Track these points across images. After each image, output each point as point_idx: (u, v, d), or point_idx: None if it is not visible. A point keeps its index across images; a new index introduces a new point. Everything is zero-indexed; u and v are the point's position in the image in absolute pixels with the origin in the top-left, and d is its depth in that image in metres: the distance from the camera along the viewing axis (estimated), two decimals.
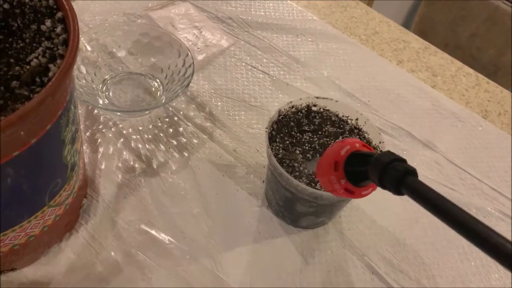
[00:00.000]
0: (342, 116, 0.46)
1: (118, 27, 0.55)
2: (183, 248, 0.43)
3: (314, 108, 0.46)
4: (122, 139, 0.50)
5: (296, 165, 0.41)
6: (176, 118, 0.53)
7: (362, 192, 0.32)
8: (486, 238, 0.22)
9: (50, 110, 0.30)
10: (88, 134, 0.50)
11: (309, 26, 0.67)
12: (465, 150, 0.57)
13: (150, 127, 0.52)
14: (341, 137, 0.44)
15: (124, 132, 0.51)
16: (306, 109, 0.46)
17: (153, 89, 0.54)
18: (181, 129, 0.52)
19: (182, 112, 0.54)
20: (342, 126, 0.45)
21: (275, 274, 0.43)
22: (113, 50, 0.55)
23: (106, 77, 0.54)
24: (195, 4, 0.66)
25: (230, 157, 0.51)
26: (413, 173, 0.26)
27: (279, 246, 0.45)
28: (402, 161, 0.27)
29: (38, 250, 0.40)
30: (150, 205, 0.46)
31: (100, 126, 0.51)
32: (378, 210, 0.49)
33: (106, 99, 0.52)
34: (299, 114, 0.45)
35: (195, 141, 0.51)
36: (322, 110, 0.46)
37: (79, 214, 0.44)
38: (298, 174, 0.41)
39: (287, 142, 0.43)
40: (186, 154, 0.50)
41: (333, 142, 0.44)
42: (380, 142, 0.43)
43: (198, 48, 0.60)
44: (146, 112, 0.51)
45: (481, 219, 0.23)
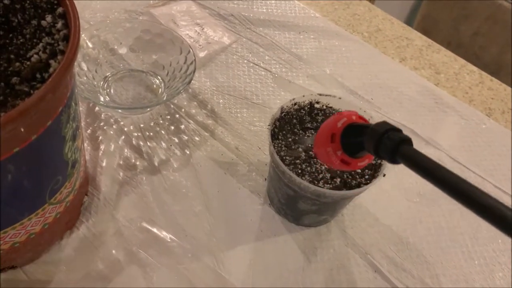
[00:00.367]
0: None
1: (120, 24, 0.54)
2: (185, 246, 0.43)
3: (317, 105, 0.46)
4: (123, 137, 0.50)
5: (298, 162, 0.41)
6: (177, 116, 0.53)
7: (358, 163, 0.32)
8: (483, 204, 0.22)
9: (51, 106, 0.30)
10: (89, 131, 0.50)
11: (311, 23, 0.66)
12: (468, 148, 0.56)
13: (152, 125, 0.51)
14: None
15: (125, 129, 0.50)
16: (308, 106, 0.45)
17: (154, 86, 0.54)
18: (182, 126, 0.52)
19: (183, 109, 0.53)
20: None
21: (277, 272, 0.43)
22: (114, 47, 0.54)
23: (107, 74, 0.53)
24: (197, 1, 0.65)
25: (232, 154, 0.50)
26: (408, 142, 0.27)
27: (281, 244, 0.45)
28: (398, 131, 0.28)
29: (38, 248, 0.40)
30: (152, 203, 0.45)
31: (101, 123, 0.50)
32: (381, 208, 0.49)
33: (107, 96, 0.52)
34: (302, 111, 0.45)
35: (197, 138, 0.51)
36: (325, 107, 0.46)
37: (80, 212, 0.43)
38: (300, 171, 0.40)
39: (290, 140, 0.43)
40: (187, 152, 0.50)
41: None
42: None
43: (199, 45, 0.60)
44: (148, 109, 0.51)
45: None
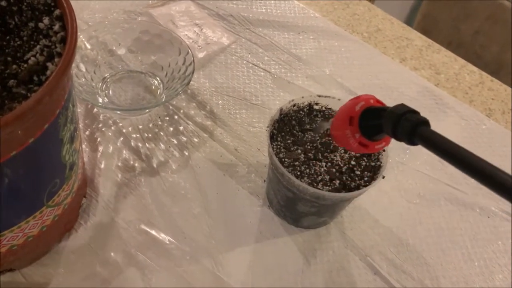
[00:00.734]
0: None
1: (118, 25, 0.54)
2: (184, 248, 0.43)
3: (316, 106, 0.45)
4: (122, 138, 0.50)
5: (297, 164, 0.41)
6: (176, 117, 0.52)
7: (376, 146, 0.33)
8: (505, 184, 0.22)
9: (48, 109, 0.30)
10: (87, 133, 0.50)
11: (311, 24, 0.66)
12: (468, 148, 0.56)
13: (150, 126, 0.51)
14: None
15: (124, 131, 0.50)
16: (308, 107, 0.45)
17: (153, 87, 0.54)
18: (181, 127, 0.52)
19: (182, 110, 0.53)
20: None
21: (277, 274, 0.43)
22: (113, 48, 0.54)
23: (106, 75, 0.53)
24: (196, 1, 0.65)
25: (231, 156, 0.50)
26: (425, 123, 0.27)
27: (281, 246, 0.45)
28: (415, 112, 0.28)
29: (37, 251, 0.40)
30: (150, 204, 0.45)
31: (99, 125, 0.50)
32: (381, 210, 0.49)
33: (105, 98, 0.51)
34: (301, 112, 0.45)
35: (196, 140, 0.51)
36: (324, 108, 0.46)
37: (79, 214, 0.43)
38: (299, 173, 0.40)
39: (289, 141, 0.43)
40: (186, 153, 0.50)
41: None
42: None
43: (198, 45, 0.60)
44: (146, 110, 0.51)
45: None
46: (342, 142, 0.34)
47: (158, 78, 0.54)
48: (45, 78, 0.29)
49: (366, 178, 0.41)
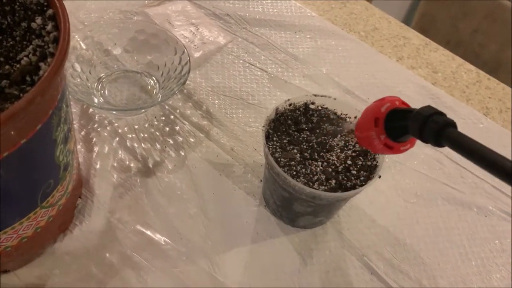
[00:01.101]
0: (341, 114, 0.45)
1: (114, 25, 0.54)
2: (180, 249, 0.43)
3: (312, 106, 0.45)
4: (117, 138, 0.49)
5: (293, 164, 0.40)
6: (172, 117, 0.52)
7: (401, 147, 0.33)
8: None
9: (41, 109, 0.29)
10: (83, 133, 0.49)
11: (307, 23, 0.66)
12: None
13: (146, 126, 0.51)
14: (339, 135, 0.43)
15: (119, 131, 0.50)
16: (304, 107, 0.45)
17: (149, 87, 0.53)
18: (177, 127, 0.51)
19: (178, 110, 0.53)
20: (340, 124, 0.45)
21: (273, 274, 0.43)
22: (108, 48, 0.54)
23: (102, 75, 0.53)
24: (193, 1, 0.65)
25: (228, 156, 0.50)
26: (452, 125, 0.27)
27: (277, 246, 0.44)
28: (442, 114, 0.28)
29: (31, 252, 0.39)
30: (146, 205, 0.45)
31: (95, 125, 0.50)
32: (378, 209, 0.48)
33: (101, 98, 0.51)
34: (297, 112, 0.45)
35: (192, 140, 0.51)
36: (320, 108, 0.45)
37: (74, 215, 0.43)
38: (295, 173, 0.40)
39: (285, 141, 0.42)
40: (182, 153, 0.49)
41: (331, 140, 0.43)
42: None
43: (195, 45, 0.60)
44: (142, 110, 0.51)
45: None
46: (367, 144, 0.34)
47: (154, 78, 0.54)
48: (38, 78, 0.29)
49: (362, 178, 0.41)
